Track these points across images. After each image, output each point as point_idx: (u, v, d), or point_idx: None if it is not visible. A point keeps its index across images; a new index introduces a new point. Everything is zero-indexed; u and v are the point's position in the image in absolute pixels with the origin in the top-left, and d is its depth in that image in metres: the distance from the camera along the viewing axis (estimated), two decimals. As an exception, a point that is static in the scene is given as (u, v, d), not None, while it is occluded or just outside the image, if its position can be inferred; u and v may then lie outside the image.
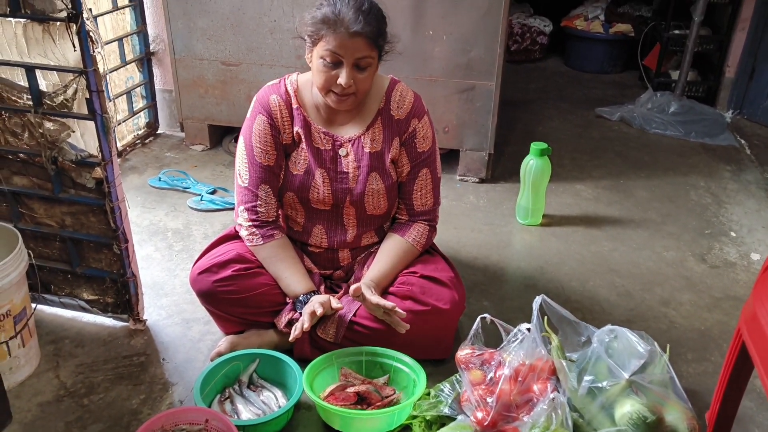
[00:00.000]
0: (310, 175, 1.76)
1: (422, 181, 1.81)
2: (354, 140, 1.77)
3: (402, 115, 1.77)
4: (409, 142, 1.78)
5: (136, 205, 2.60)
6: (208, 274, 1.71)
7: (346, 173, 1.77)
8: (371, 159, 1.76)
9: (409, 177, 1.81)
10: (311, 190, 1.77)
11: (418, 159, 1.80)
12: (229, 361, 1.67)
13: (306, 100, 1.76)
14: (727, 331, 1.98)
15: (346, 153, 1.77)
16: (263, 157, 1.74)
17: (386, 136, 1.77)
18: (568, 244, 2.45)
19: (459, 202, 2.73)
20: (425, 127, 1.79)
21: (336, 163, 1.77)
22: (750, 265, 2.35)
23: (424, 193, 1.82)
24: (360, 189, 1.77)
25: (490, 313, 1.66)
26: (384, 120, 1.76)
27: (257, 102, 1.77)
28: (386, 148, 1.77)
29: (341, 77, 1.60)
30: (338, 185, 1.77)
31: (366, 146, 1.76)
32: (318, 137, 1.76)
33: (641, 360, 1.53)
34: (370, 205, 1.79)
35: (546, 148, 2.47)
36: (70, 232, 1.81)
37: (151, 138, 3.24)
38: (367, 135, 1.76)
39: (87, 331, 1.90)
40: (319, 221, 1.83)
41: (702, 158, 3.24)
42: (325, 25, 1.59)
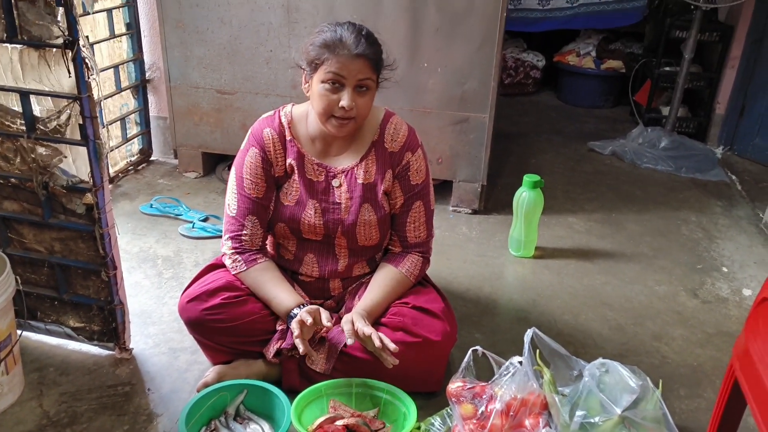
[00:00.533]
0: (302, 205, 1.76)
1: (415, 214, 1.81)
2: (347, 171, 1.77)
3: (396, 148, 1.77)
4: (403, 174, 1.79)
5: (127, 231, 2.59)
6: (197, 302, 1.69)
7: (338, 204, 1.77)
8: (364, 190, 1.76)
9: (402, 209, 1.81)
10: (302, 221, 1.77)
11: (412, 192, 1.80)
12: (216, 391, 1.64)
13: (300, 131, 1.77)
14: (720, 367, 1.97)
15: (339, 183, 1.77)
16: (252, 189, 1.75)
17: (379, 168, 1.77)
18: (561, 276, 2.44)
19: (452, 233, 2.73)
20: (419, 161, 1.80)
21: (328, 194, 1.77)
22: (742, 301, 2.34)
23: (417, 226, 1.82)
24: (351, 219, 1.77)
25: (482, 345, 1.64)
26: (377, 152, 1.77)
27: (251, 135, 1.78)
28: (379, 179, 1.77)
29: (343, 100, 1.61)
30: (330, 216, 1.77)
31: (359, 177, 1.76)
32: (311, 168, 1.77)
33: (633, 395, 1.51)
34: (361, 236, 1.79)
35: (539, 181, 2.48)
36: (59, 258, 1.79)
37: (145, 164, 3.23)
38: (360, 166, 1.77)
39: (72, 359, 1.87)
40: (311, 251, 1.82)
41: (693, 193, 3.26)
42: (326, 49, 1.61)
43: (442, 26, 2.62)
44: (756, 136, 3.65)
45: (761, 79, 3.59)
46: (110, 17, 2.86)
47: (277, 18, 2.74)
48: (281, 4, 2.71)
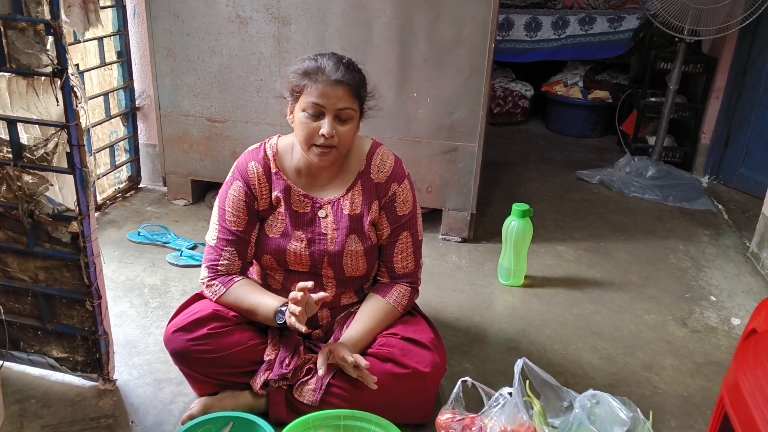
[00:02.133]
0: (288, 237, 1.76)
1: (402, 244, 1.81)
2: (333, 202, 1.77)
3: (382, 179, 1.77)
4: (389, 206, 1.78)
5: (113, 259, 2.56)
6: (183, 333, 1.67)
7: (324, 234, 1.76)
8: (350, 221, 1.76)
9: (389, 240, 1.80)
10: (288, 252, 1.76)
11: (398, 222, 1.79)
12: (201, 424, 1.61)
13: (286, 163, 1.77)
14: (711, 397, 1.96)
15: (325, 215, 1.76)
16: (233, 222, 1.74)
17: (365, 200, 1.77)
18: (551, 305, 2.44)
19: (441, 262, 2.73)
20: (405, 191, 1.79)
21: (314, 225, 1.77)
22: (731, 330, 2.34)
23: (404, 256, 1.82)
24: (337, 250, 1.76)
25: (472, 375, 1.63)
26: (364, 183, 1.77)
27: (236, 168, 1.78)
28: (365, 211, 1.77)
29: (324, 128, 1.61)
30: (316, 247, 1.76)
31: (345, 208, 1.76)
32: (297, 200, 1.76)
33: (624, 427, 1.50)
34: (348, 266, 1.78)
35: (528, 209, 2.49)
36: (43, 287, 1.77)
37: (133, 192, 3.22)
38: (346, 197, 1.77)
39: (54, 390, 1.83)
40: (298, 281, 1.80)
41: (680, 222, 3.28)
42: (306, 77, 1.62)
43: (431, 57, 2.65)
44: (741, 165, 3.69)
45: (745, 110, 3.65)
46: (101, 45, 2.87)
47: (267, 48, 2.77)
48: (272, 34, 2.74)
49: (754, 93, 3.58)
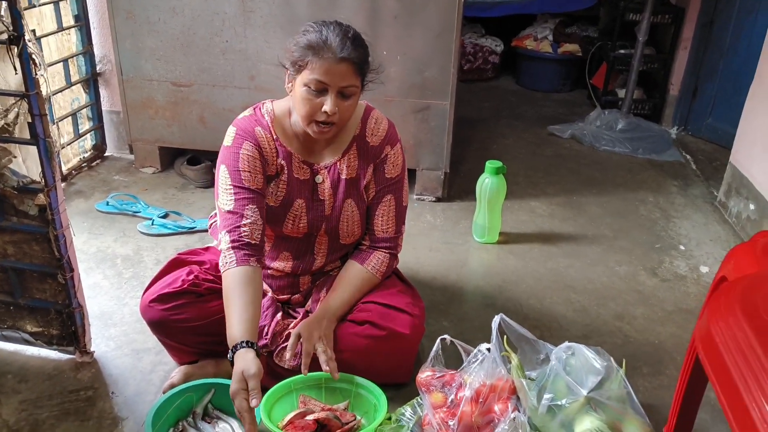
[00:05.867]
0: (288, 205, 1.72)
1: (385, 207, 1.79)
2: (330, 167, 1.73)
3: (376, 142, 1.75)
4: (379, 166, 1.76)
5: (83, 231, 2.51)
6: (159, 303, 1.65)
7: (322, 200, 1.74)
8: (347, 185, 1.73)
9: (373, 201, 1.79)
10: (286, 221, 1.73)
11: (384, 184, 1.77)
12: (183, 392, 1.61)
13: (283, 130, 1.70)
14: (681, 344, 2.02)
15: (322, 180, 1.73)
16: (252, 180, 1.63)
17: (361, 163, 1.74)
18: (525, 261, 2.47)
19: (416, 222, 2.73)
20: (396, 155, 1.78)
21: (312, 192, 1.73)
22: (699, 278, 2.41)
23: (386, 220, 1.80)
24: (335, 216, 1.74)
25: (450, 333, 1.65)
26: (359, 147, 1.74)
27: (240, 131, 1.67)
28: (362, 174, 1.75)
29: (326, 105, 1.55)
30: (314, 214, 1.74)
31: (342, 173, 1.73)
32: (298, 167, 1.71)
33: (599, 376, 1.54)
34: (344, 232, 1.76)
35: (501, 167, 2.49)
36: (12, 262, 1.73)
37: (99, 161, 3.14)
38: (342, 161, 1.73)
39: (31, 365, 1.81)
40: (288, 248, 1.79)
41: (650, 174, 3.33)
42: (310, 51, 1.54)
43: (401, 14, 2.60)
44: (709, 116, 3.73)
45: (712, 61, 3.67)
46: (57, 9, 2.75)
47: (231, 7, 2.68)
48: (235, -7, 2.66)
49: (721, 43, 3.60)
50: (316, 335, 1.63)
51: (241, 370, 1.41)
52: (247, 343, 1.46)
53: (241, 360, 1.43)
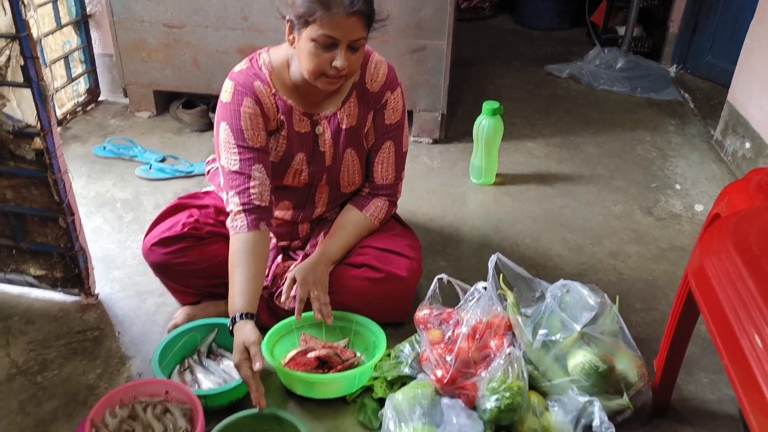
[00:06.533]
0: (289, 160, 1.70)
1: (385, 154, 1.77)
2: (330, 117, 1.70)
3: (376, 89, 1.71)
4: (379, 113, 1.73)
5: (81, 175, 2.51)
6: (161, 246, 1.67)
7: (323, 152, 1.72)
8: (347, 135, 1.71)
9: (372, 148, 1.77)
10: (287, 175, 1.72)
11: (384, 131, 1.75)
12: (187, 332, 1.66)
13: (282, 82, 1.65)
14: (673, 280, 2.06)
15: (322, 131, 1.70)
16: (255, 138, 1.59)
17: (361, 111, 1.71)
18: (522, 202, 2.49)
19: (413, 164, 2.73)
20: (397, 100, 1.74)
21: (313, 144, 1.71)
22: (694, 216, 2.43)
23: (385, 167, 1.78)
24: (336, 167, 1.73)
25: (447, 273, 1.68)
26: (359, 94, 1.71)
27: (238, 86, 1.61)
28: (362, 123, 1.72)
29: (337, 60, 1.49)
30: (315, 166, 1.73)
31: (342, 122, 1.70)
32: (298, 120, 1.68)
33: (592, 312, 1.58)
34: (345, 182, 1.76)
35: (498, 107, 2.48)
36: (12, 207, 1.74)
37: (93, 105, 3.11)
38: (343, 110, 1.70)
39: (36, 307, 1.85)
40: (288, 198, 1.79)
41: (648, 113, 3.31)
42: (318, 5, 1.45)
43: (396, -51, 2.53)
44: (708, 53, 3.69)
45: (714, -3, 3.60)
46: (42, -53, 2.67)
47: (222, -56, 2.61)
48: (226, -72, 2.58)
49: (723, -22, 3.52)
50: (310, 280, 1.65)
51: (241, 341, 1.43)
52: (247, 315, 1.48)
53: (240, 332, 1.45)
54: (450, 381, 1.50)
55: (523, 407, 1.47)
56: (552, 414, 1.49)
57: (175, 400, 1.46)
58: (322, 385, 1.56)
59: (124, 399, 1.44)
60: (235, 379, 1.58)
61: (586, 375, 1.49)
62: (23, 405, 1.54)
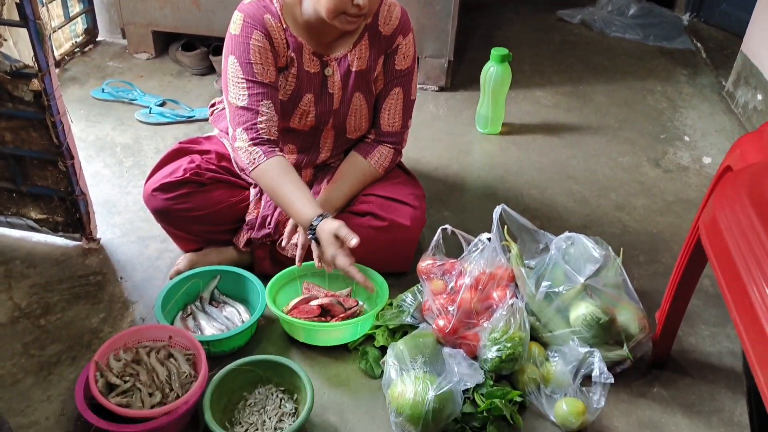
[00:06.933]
0: (297, 100, 1.66)
1: (393, 100, 1.73)
2: (340, 59, 1.65)
3: (389, 32, 1.66)
4: (389, 57, 1.69)
5: (80, 118, 2.48)
6: (162, 192, 1.65)
7: (331, 94, 1.68)
8: (356, 78, 1.67)
9: (380, 94, 1.73)
10: (293, 116, 1.68)
11: (394, 76, 1.71)
12: (189, 278, 1.65)
13: (295, 19, 1.59)
14: (678, 233, 2.04)
15: (331, 72, 1.66)
16: (265, 73, 1.56)
17: (372, 54, 1.67)
18: (528, 152, 2.45)
19: (419, 112, 2.66)
20: (408, 45, 1.69)
21: (321, 85, 1.67)
22: (702, 169, 2.40)
23: (392, 113, 1.74)
24: (344, 110, 1.70)
25: (451, 223, 1.66)
26: (371, 36, 1.66)
27: (248, 18, 1.55)
28: (372, 66, 1.68)
29: None
30: (322, 108, 1.69)
31: (353, 65, 1.66)
32: (308, 59, 1.63)
33: (596, 264, 1.57)
34: (351, 126, 1.72)
35: (506, 54, 2.41)
36: (11, 149, 1.71)
37: (91, 46, 3.04)
38: (353, 53, 1.65)
39: (38, 251, 1.85)
40: (293, 141, 1.76)
41: (660, 62, 3.24)
42: None
43: None
44: (722, 2, 3.57)
45: (733, -60, 3.47)
46: None
47: None
48: None
49: None
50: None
51: (328, 234, 1.46)
52: (320, 216, 1.50)
53: (322, 231, 1.48)
54: (452, 331, 1.51)
55: (524, 357, 1.48)
56: (552, 364, 1.50)
57: (178, 346, 1.47)
58: (325, 333, 1.57)
59: (129, 343, 1.45)
60: (237, 326, 1.58)
61: (588, 326, 1.50)
62: (27, 347, 1.56)
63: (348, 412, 1.45)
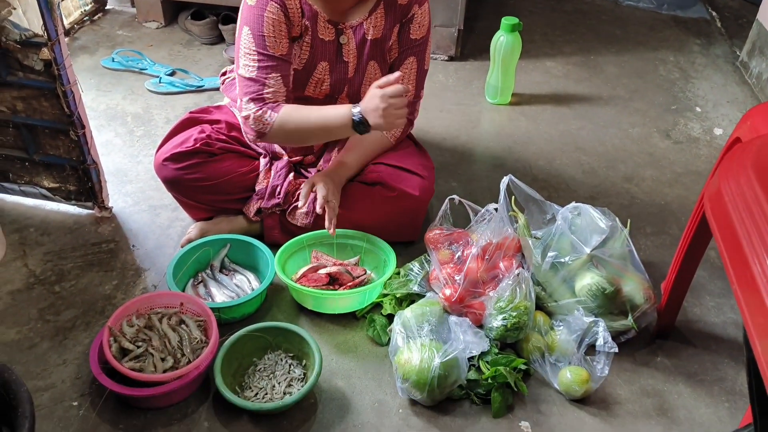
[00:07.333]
0: (312, 68, 1.66)
1: (406, 70, 1.72)
2: (356, 27, 1.65)
3: (405, 1, 1.65)
4: (405, 26, 1.68)
5: (90, 87, 2.48)
6: (173, 162, 1.67)
7: (346, 62, 1.68)
8: (371, 47, 1.67)
9: (394, 62, 1.72)
10: (308, 85, 1.68)
11: (408, 45, 1.70)
12: (200, 246, 1.68)
13: None
14: (686, 205, 2.04)
15: (346, 40, 1.65)
16: (277, 46, 1.57)
17: (388, 23, 1.66)
18: (537, 123, 2.44)
19: (428, 82, 2.61)
20: (424, 14, 1.69)
21: (336, 53, 1.67)
22: (712, 140, 2.39)
23: (406, 83, 1.72)
24: (359, 79, 1.70)
25: (459, 193, 1.67)
26: (386, 5, 1.65)
27: None
28: (387, 35, 1.67)
29: None
30: (337, 76, 1.69)
31: (368, 33, 1.65)
32: (323, 27, 1.63)
33: (602, 235, 1.58)
34: (365, 95, 1.73)
35: (517, 23, 2.39)
36: (23, 118, 1.73)
37: (100, 14, 3.04)
38: (369, 21, 1.65)
39: (51, 219, 1.87)
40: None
41: (673, 31, 3.19)
42: None
43: None
44: (741, -32, 3.50)
45: None
46: None
47: None
48: None
49: None
50: (330, 186, 1.64)
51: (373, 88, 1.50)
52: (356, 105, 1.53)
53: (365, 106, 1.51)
54: (458, 300, 1.53)
55: (529, 326, 1.50)
56: (557, 333, 1.52)
57: (189, 312, 1.50)
58: (333, 301, 1.59)
59: (141, 309, 1.48)
60: (247, 293, 1.61)
61: (593, 296, 1.51)
62: (42, 313, 1.59)
63: (355, 377, 1.48)
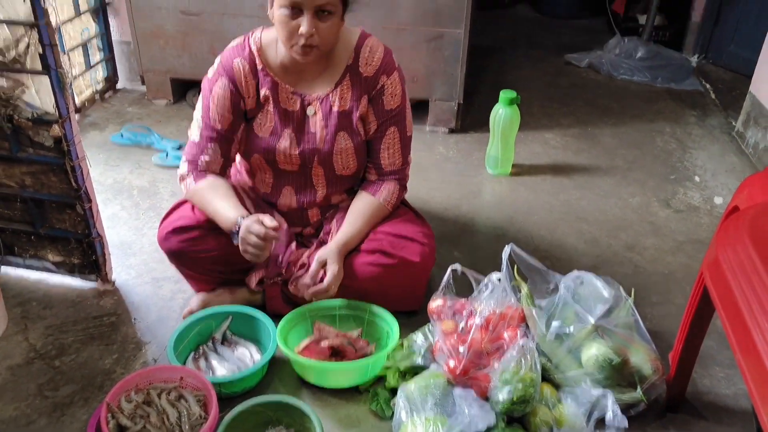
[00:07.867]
0: (277, 136, 1.72)
1: (390, 140, 1.76)
2: (322, 99, 1.70)
3: (371, 72, 1.70)
4: (377, 98, 1.72)
5: (99, 162, 2.54)
6: (176, 234, 1.68)
7: (314, 133, 1.72)
8: (339, 118, 1.71)
9: (376, 135, 1.76)
10: (277, 151, 1.73)
11: (386, 117, 1.74)
12: (202, 319, 1.67)
13: (271, 58, 1.68)
14: (690, 273, 2.04)
15: (313, 112, 1.71)
16: (217, 121, 1.68)
17: (354, 95, 1.71)
18: (537, 193, 2.47)
19: (429, 153, 2.72)
20: (394, 84, 1.73)
21: (303, 123, 1.72)
22: (713, 209, 2.40)
23: (392, 152, 1.77)
24: (327, 149, 1.73)
25: (461, 263, 1.67)
26: (352, 77, 1.70)
27: (220, 64, 1.68)
28: (354, 106, 1.71)
29: (303, 26, 1.52)
30: (306, 145, 1.73)
31: (334, 105, 1.70)
32: (286, 97, 1.70)
33: (607, 304, 1.57)
34: (339, 164, 1.76)
35: (515, 97, 2.46)
36: (31, 193, 1.76)
37: (111, 92, 3.14)
38: (335, 93, 1.70)
39: (54, 292, 1.88)
40: (288, 182, 1.79)
41: (668, 104, 3.27)
42: None
43: (414, -64, 2.51)
44: (731, 43, 3.62)
45: (738, -15, 3.53)
46: (61, -65, 2.68)
47: (239, -69, 2.60)
48: None
49: (747, -34, 3.45)
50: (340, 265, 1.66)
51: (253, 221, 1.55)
52: (243, 217, 1.59)
53: (245, 227, 1.56)
54: (463, 372, 1.50)
55: (536, 399, 1.47)
56: (565, 406, 1.49)
57: (189, 387, 1.47)
58: (336, 374, 1.57)
59: (140, 384, 1.46)
60: (248, 366, 1.59)
61: (600, 368, 1.49)
62: (41, 388, 1.57)
63: (358, 454, 1.44)
